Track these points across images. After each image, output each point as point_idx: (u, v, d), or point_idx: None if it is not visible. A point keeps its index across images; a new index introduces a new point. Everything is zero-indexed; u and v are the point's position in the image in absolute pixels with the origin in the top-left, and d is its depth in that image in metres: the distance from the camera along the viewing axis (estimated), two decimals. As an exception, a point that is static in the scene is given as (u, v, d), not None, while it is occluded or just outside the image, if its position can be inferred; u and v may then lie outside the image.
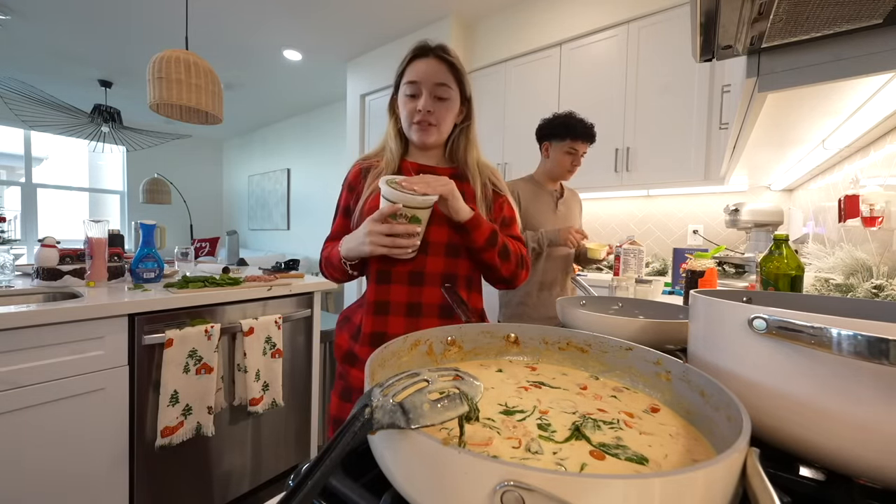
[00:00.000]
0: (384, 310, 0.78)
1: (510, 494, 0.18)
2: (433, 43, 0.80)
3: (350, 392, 0.81)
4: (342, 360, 0.83)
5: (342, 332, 0.86)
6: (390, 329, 0.77)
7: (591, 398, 0.36)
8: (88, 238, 1.30)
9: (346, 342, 0.83)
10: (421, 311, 0.78)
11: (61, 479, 1.01)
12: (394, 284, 0.77)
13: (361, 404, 0.23)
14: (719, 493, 0.20)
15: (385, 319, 0.77)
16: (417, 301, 0.78)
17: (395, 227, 0.69)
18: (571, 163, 1.45)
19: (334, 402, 0.84)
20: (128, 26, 2.98)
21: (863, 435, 0.26)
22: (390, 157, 0.84)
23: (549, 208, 1.50)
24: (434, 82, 0.78)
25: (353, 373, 0.81)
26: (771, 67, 0.64)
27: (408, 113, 0.81)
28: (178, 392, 1.15)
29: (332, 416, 0.83)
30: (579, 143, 1.42)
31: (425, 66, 0.79)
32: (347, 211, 0.87)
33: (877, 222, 0.92)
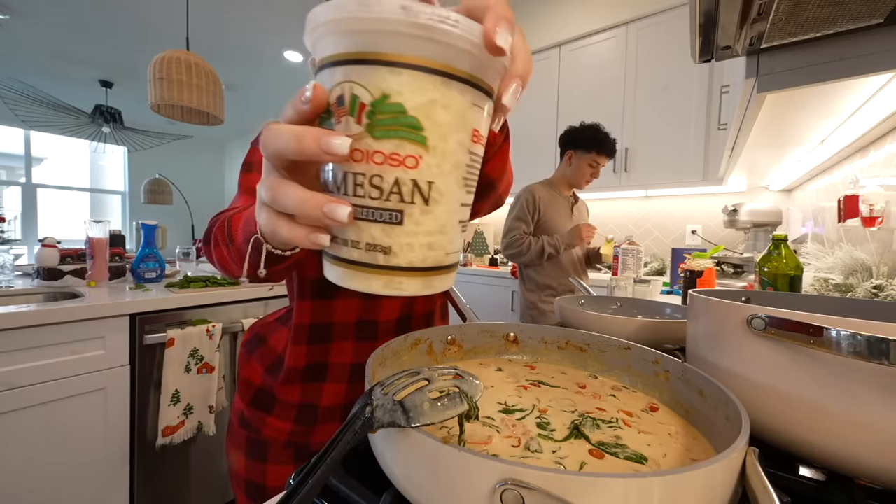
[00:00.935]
0: (324, 335, 0.54)
1: (510, 493, 0.18)
2: None
3: (265, 447, 0.56)
4: (252, 402, 0.57)
5: (252, 360, 0.59)
6: (333, 358, 0.55)
7: (589, 397, 0.36)
8: (89, 238, 1.30)
9: (257, 375, 0.57)
10: (376, 331, 0.56)
11: (62, 478, 1.01)
12: (340, 298, 0.54)
13: (362, 403, 0.23)
14: (718, 492, 0.20)
15: (326, 348, 0.54)
16: (373, 318, 0.56)
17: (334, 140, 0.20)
18: (591, 174, 1.53)
19: (240, 461, 0.57)
20: (128, 27, 2.98)
21: (862, 435, 0.26)
22: None
23: (566, 213, 1.58)
24: None
25: (270, 422, 0.55)
26: (770, 68, 0.65)
27: None
28: (179, 391, 1.15)
29: (243, 477, 0.57)
30: (603, 156, 1.50)
31: None
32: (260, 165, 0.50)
33: (876, 222, 0.92)
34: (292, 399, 0.55)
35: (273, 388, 0.56)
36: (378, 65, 0.18)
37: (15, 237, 2.65)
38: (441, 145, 0.20)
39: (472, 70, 0.20)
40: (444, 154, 0.20)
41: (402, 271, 0.21)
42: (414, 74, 0.19)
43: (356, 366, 0.56)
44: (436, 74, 0.19)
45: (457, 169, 0.21)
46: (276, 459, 0.56)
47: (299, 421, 0.55)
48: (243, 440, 0.58)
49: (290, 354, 0.54)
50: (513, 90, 0.22)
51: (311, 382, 0.55)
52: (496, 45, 0.19)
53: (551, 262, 1.53)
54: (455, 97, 0.19)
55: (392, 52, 0.18)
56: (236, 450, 0.58)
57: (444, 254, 0.22)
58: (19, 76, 3.54)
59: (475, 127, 0.21)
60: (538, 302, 1.54)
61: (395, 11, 0.17)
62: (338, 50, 0.19)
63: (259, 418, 0.56)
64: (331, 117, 0.20)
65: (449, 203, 0.21)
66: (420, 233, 0.21)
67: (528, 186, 1.59)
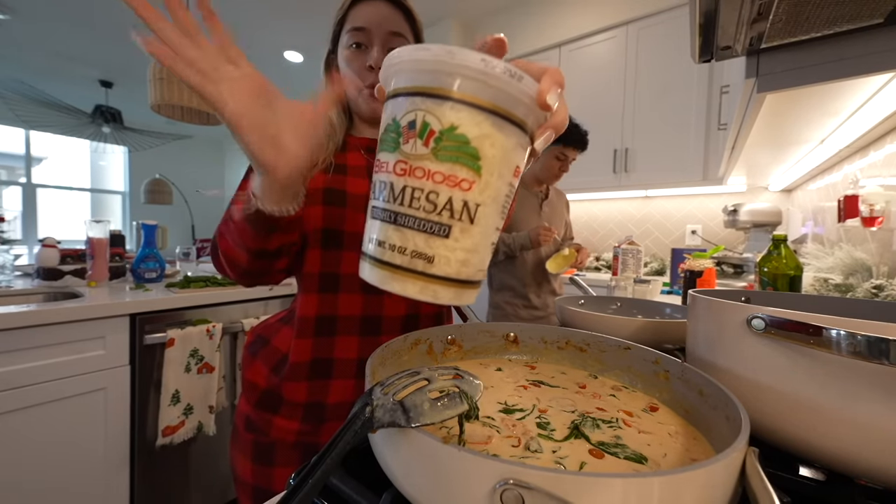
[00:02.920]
0: (329, 329, 0.55)
1: (510, 493, 0.18)
2: None
3: (271, 450, 0.56)
4: (258, 404, 0.57)
5: (256, 361, 0.60)
6: (338, 353, 0.56)
7: (589, 397, 0.36)
8: (90, 238, 1.30)
9: (262, 377, 0.58)
10: (380, 326, 0.57)
11: (62, 478, 1.01)
12: (343, 293, 0.55)
13: (362, 403, 0.23)
14: (718, 492, 0.20)
15: (330, 342, 0.55)
16: (376, 314, 0.57)
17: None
18: (559, 168, 1.42)
19: (246, 467, 0.57)
20: (128, 27, 2.97)
21: (862, 435, 0.26)
22: (329, 128, 0.60)
23: (533, 210, 1.48)
24: (387, 30, 0.57)
25: (278, 423, 0.55)
26: (770, 68, 0.65)
27: (354, 72, 0.59)
28: (179, 391, 1.15)
29: (249, 483, 0.57)
30: (570, 149, 1.38)
31: (374, 9, 0.57)
32: None
33: (876, 222, 0.92)
34: (298, 398, 0.55)
35: (279, 388, 0.56)
36: (453, 101, 0.22)
37: (15, 237, 2.65)
38: (490, 175, 0.23)
39: (523, 117, 0.24)
40: (491, 183, 0.24)
41: (438, 280, 0.24)
42: (481, 113, 0.22)
43: (362, 361, 0.56)
44: (497, 116, 0.23)
45: (499, 197, 0.25)
46: (283, 462, 0.56)
47: (307, 420, 0.55)
48: (249, 444, 0.57)
49: (296, 348, 0.55)
50: (545, 137, 0.26)
51: (316, 379, 0.55)
52: (546, 103, 0.23)
53: (514, 261, 1.44)
54: (507, 138, 0.24)
55: (469, 93, 0.22)
56: (242, 455, 0.58)
57: (475, 270, 0.25)
58: (19, 76, 3.54)
59: (517, 164, 0.25)
60: (502, 303, 1.45)
61: (476, 62, 0.22)
62: (417, 84, 0.23)
63: (266, 420, 0.56)
64: (399, 137, 0.24)
65: (487, 225, 0.25)
66: (458, 248, 0.24)
67: None
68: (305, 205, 0.44)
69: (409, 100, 0.23)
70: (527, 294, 1.43)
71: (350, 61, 0.58)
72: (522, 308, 1.43)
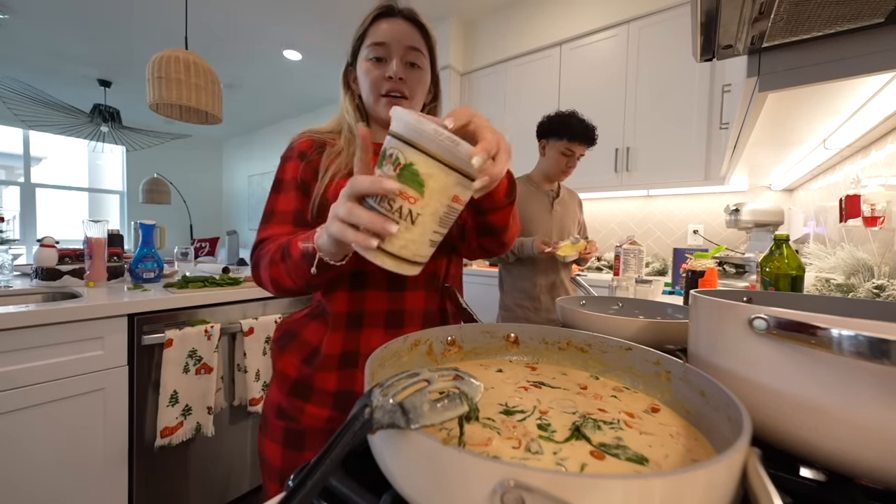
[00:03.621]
0: (358, 322, 0.61)
1: (510, 495, 0.18)
2: (399, 4, 0.66)
3: (302, 436, 0.60)
4: (290, 392, 0.61)
5: (286, 353, 0.64)
6: (364, 346, 0.61)
7: (591, 398, 0.36)
8: (88, 238, 1.30)
9: (293, 368, 0.62)
10: (402, 320, 0.63)
11: (61, 479, 1.01)
12: (370, 290, 0.61)
13: (361, 404, 0.23)
14: (720, 493, 0.20)
15: (358, 334, 0.61)
16: (399, 308, 0.63)
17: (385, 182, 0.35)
18: (567, 164, 1.40)
19: (276, 451, 0.61)
20: (128, 26, 2.98)
21: (863, 435, 0.26)
22: (350, 135, 0.66)
23: (544, 209, 1.47)
24: (405, 45, 0.63)
25: (309, 410, 0.60)
26: (772, 67, 0.64)
27: (373, 81, 0.64)
28: (177, 392, 1.15)
29: (278, 467, 0.61)
30: (576, 144, 1.37)
31: (394, 26, 0.64)
32: (304, 185, 0.63)
33: (878, 222, 0.92)
34: (329, 387, 0.59)
35: (311, 378, 0.61)
36: (413, 148, 0.35)
37: (14, 237, 2.65)
38: (430, 197, 0.35)
39: (461, 166, 0.35)
40: (431, 202, 0.36)
41: (385, 253, 0.37)
42: (429, 159, 0.34)
43: None
44: (437, 161, 0.35)
45: (437, 212, 0.37)
46: (313, 447, 0.61)
47: (336, 407, 0.60)
48: (280, 431, 0.62)
49: (328, 341, 0.61)
50: (482, 181, 0.37)
51: (345, 369, 0.60)
52: (472, 163, 0.35)
53: (525, 264, 1.41)
54: (447, 176, 0.35)
55: (422, 144, 0.34)
56: (272, 441, 0.62)
57: (412, 254, 0.38)
58: (18, 76, 3.54)
59: (456, 194, 0.37)
60: (513, 305, 1.44)
61: (429, 130, 0.34)
62: (399, 132, 0.36)
63: (297, 407, 0.61)
64: (383, 160, 0.37)
65: (425, 228, 0.37)
66: (401, 237, 0.36)
67: None
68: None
69: (393, 140, 0.36)
70: (538, 296, 1.42)
71: (370, 72, 0.64)
72: (533, 311, 1.43)
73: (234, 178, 6.14)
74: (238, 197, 6.02)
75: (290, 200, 0.62)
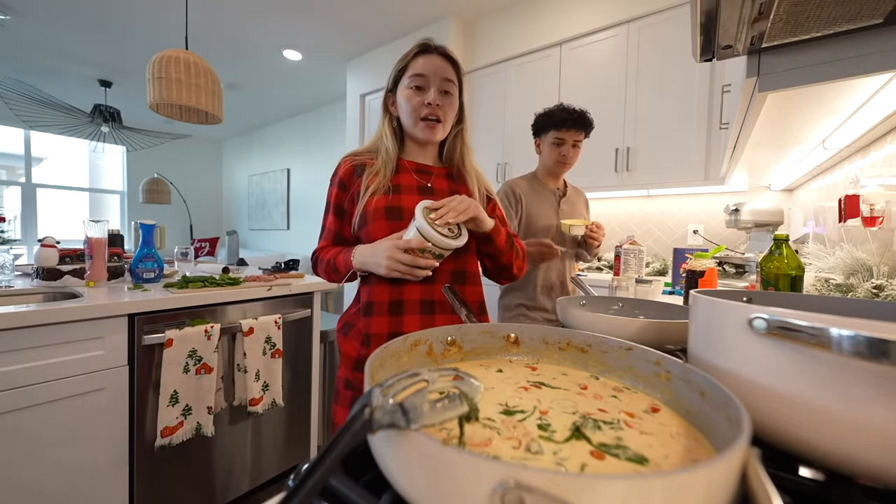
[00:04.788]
0: (399, 309, 0.78)
1: (510, 494, 0.18)
2: (434, 42, 0.82)
3: None
4: (353, 368, 0.80)
5: (348, 339, 0.83)
6: (406, 328, 0.77)
7: (591, 398, 0.36)
8: (88, 238, 1.30)
9: (354, 350, 0.81)
10: (434, 308, 0.79)
11: (61, 478, 1.01)
12: (407, 283, 0.78)
13: (361, 404, 0.23)
14: (719, 493, 0.20)
15: (401, 319, 0.77)
16: (430, 298, 0.79)
17: (419, 261, 0.71)
18: (560, 153, 1.35)
19: (344, 415, 0.80)
20: (128, 26, 2.98)
21: (863, 435, 0.26)
22: (386, 156, 0.82)
23: (551, 208, 1.42)
24: (442, 77, 0.79)
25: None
26: (771, 67, 0.64)
27: (413, 107, 0.80)
28: (177, 392, 1.15)
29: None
30: (563, 131, 1.33)
31: (431, 61, 0.79)
32: (340, 210, 0.85)
33: (877, 222, 0.92)
34: None
35: (367, 357, 0.71)
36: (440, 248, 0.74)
37: (14, 237, 2.64)
38: (442, 257, 0.77)
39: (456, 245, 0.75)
40: (440, 257, 0.77)
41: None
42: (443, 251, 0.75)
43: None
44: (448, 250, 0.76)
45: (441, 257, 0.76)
46: None
47: None
48: (349, 399, 0.80)
49: (375, 324, 0.78)
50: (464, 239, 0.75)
51: None
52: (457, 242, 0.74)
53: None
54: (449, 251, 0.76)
55: (446, 246, 0.73)
56: (343, 408, 0.81)
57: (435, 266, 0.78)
58: (19, 76, 3.54)
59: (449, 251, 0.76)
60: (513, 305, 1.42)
61: (430, 231, 0.71)
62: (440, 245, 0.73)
63: (360, 380, 0.78)
64: (426, 254, 0.74)
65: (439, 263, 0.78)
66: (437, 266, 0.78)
67: (507, 181, 1.45)
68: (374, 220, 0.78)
69: (436, 247, 0.73)
70: (537, 297, 1.39)
71: (411, 98, 0.80)
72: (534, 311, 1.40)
73: (234, 178, 6.14)
74: (238, 197, 6.02)
75: (333, 222, 0.85)
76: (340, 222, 0.85)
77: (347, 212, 0.83)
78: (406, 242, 0.70)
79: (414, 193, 0.81)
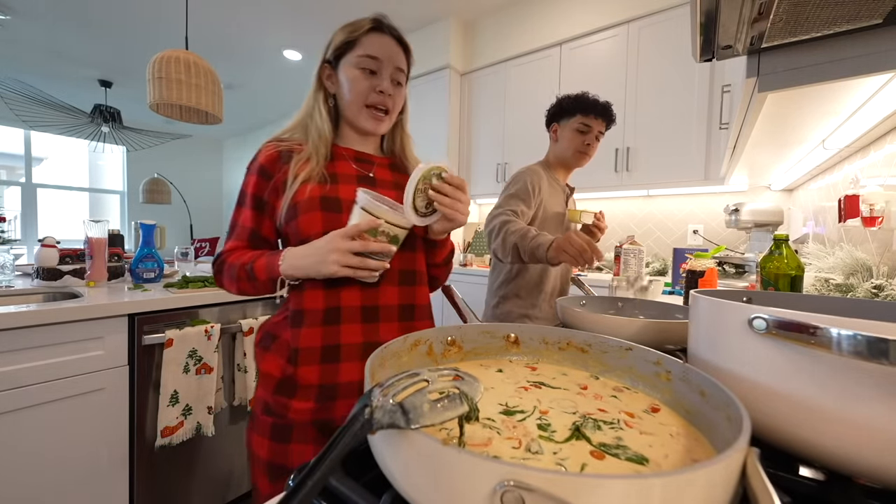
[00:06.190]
0: (335, 318, 0.64)
1: (510, 494, 0.18)
2: (389, 20, 0.70)
3: (289, 430, 0.63)
4: (275, 391, 0.64)
5: (269, 354, 0.67)
6: (345, 339, 0.64)
7: (591, 398, 0.36)
8: (88, 238, 1.30)
9: (278, 368, 0.65)
10: (378, 315, 0.67)
11: (61, 478, 1.01)
12: (345, 287, 0.65)
13: (361, 404, 0.23)
14: (719, 493, 0.20)
15: (337, 329, 0.64)
16: (373, 304, 0.66)
17: (371, 244, 0.58)
18: (584, 142, 1.19)
19: (263, 445, 0.64)
20: (128, 26, 2.98)
21: (862, 435, 0.26)
22: (318, 139, 0.68)
23: (558, 205, 1.28)
24: (395, 65, 0.69)
25: (294, 406, 0.63)
26: (771, 67, 0.65)
27: (361, 91, 0.68)
28: (178, 392, 1.15)
29: (266, 459, 0.64)
30: (592, 118, 1.17)
31: (387, 44, 0.68)
32: (259, 203, 0.68)
33: (877, 222, 0.92)
34: (312, 381, 0.62)
35: (294, 376, 0.63)
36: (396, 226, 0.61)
37: (15, 237, 2.65)
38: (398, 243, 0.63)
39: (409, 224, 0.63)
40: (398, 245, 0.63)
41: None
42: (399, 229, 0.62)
43: (367, 345, 0.65)
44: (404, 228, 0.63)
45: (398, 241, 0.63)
46: (300, 439, 0.63)
47: (320, 399, 0.63)
48: (268, 426, 0.65)
49: (305, 336, 0.64)
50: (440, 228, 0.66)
51: (327, 363, 0.63)
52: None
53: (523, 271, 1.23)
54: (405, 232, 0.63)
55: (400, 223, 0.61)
56: (260, 436, 0.65)
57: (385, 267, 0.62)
58: (19, 76, 3.54)
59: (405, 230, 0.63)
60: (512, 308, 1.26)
61: (378, 206, 0.59)
62: (389, 219, 0.60)
63: (282, 404, 0.64)
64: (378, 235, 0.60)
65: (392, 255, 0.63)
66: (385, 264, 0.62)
67: (529, 166, 1.25)
68: (306, 211, 0.64)
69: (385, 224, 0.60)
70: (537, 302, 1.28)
71: (358, 81, 0.68)
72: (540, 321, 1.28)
73: (234, 178, 6.13)
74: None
75: (249, 217, 0.68)
76: (259, 217, 0.68)
77: (269, 204, 0.67)
78: (354, 227, 0.58)
79: (353, 183, 0.68)
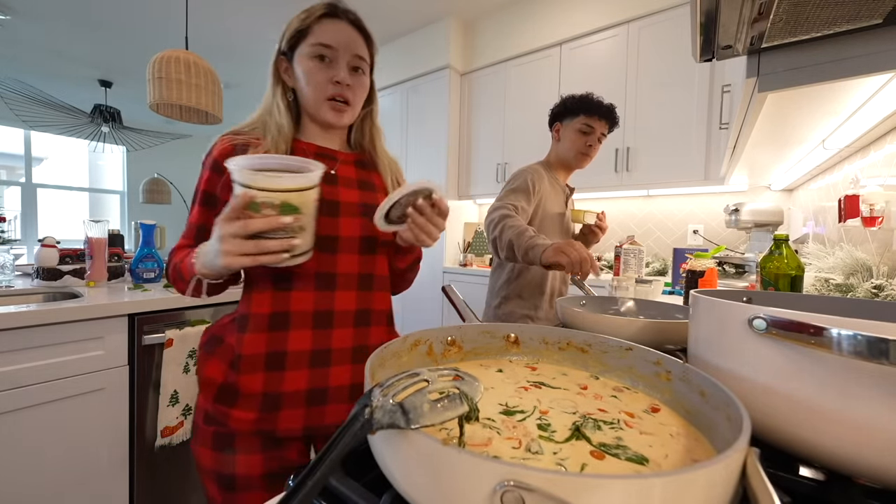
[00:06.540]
0: (283, 323, 0.60)
1: (510, 494, 0.18)
2: (344, 5, 0.65)
3: (231, 439, 0.59)
4: (216, 398, 0.60)
5: (213, 359, 0.63)
6: (292, 346, 0.59)
7: (591, 398, 0.36)
8: (88, 238, 1.30)
9: (220, 373, 0.61)
10: (332, 320, 0.62)
11: (61, 478, 1.01)
12: (296, 290, 0.60)
13: (361, 404, 0.23)
14: (719, 493, 0.20)
15: (284, 336, 0.60)
16: (328, 309, 0.62)
17: (252, 223, 0.47)
18: (586, 143, 1.18)
19: (207, 455, 0.61)
20: (128, 26, 2.98)
21: (862, 435, 0.26)
22: (277, 135, 0.64)
23: (558, 206, 1.25)
24: (352, 52, 0.64)
25: (235, 415, 0.58)
26: (771, 67, 0.65)
27: (318, 83, 0.63)
28: (178, 392, 1.15)
29: (213, 469, 0.61)
30: (595, 119, 1.18)
31: (341, 30, 0.63)
32: (210, 198, 0.64)
33: (877, 222, 0.92)
34: (255, 389, 0.58)
35: (236, 383, 0.59)
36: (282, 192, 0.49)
37: (15, 237, 2.65)
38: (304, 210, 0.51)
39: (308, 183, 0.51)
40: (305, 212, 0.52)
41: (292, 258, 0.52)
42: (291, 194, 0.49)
43: (316, 353, 0.60)
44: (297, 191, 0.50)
45: (311, 214, 0.53)
46: (244, 449, 0.60)
47: (264, 409, 0.59)
48: (210, 436, 0.61)
49: (249, 342, 0.59)
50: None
51: (272, 371, 0.59)
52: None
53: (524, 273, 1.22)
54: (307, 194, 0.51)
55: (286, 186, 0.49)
56: (203, 447, 0.62)
57: (307, 247, 0.53)
58: (19, 76, 3.54)
59: (314, 198, 0.53)
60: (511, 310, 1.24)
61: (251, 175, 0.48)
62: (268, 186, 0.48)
63: (223, 413, 0.60)
64: (262, 209, 0.48)
65: (309, 228, 0.53)
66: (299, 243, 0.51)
67: (531, 165, 1.25)
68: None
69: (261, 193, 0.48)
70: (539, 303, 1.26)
71: (314, 73, 0.63)
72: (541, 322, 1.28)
73: (234, 178, 6.12)
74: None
75: (196, 214, 0.65)
76: (207, 213, 0.63)
77: (220, 200, 0.63)
78: (228, 206, 0.49)
79: None
